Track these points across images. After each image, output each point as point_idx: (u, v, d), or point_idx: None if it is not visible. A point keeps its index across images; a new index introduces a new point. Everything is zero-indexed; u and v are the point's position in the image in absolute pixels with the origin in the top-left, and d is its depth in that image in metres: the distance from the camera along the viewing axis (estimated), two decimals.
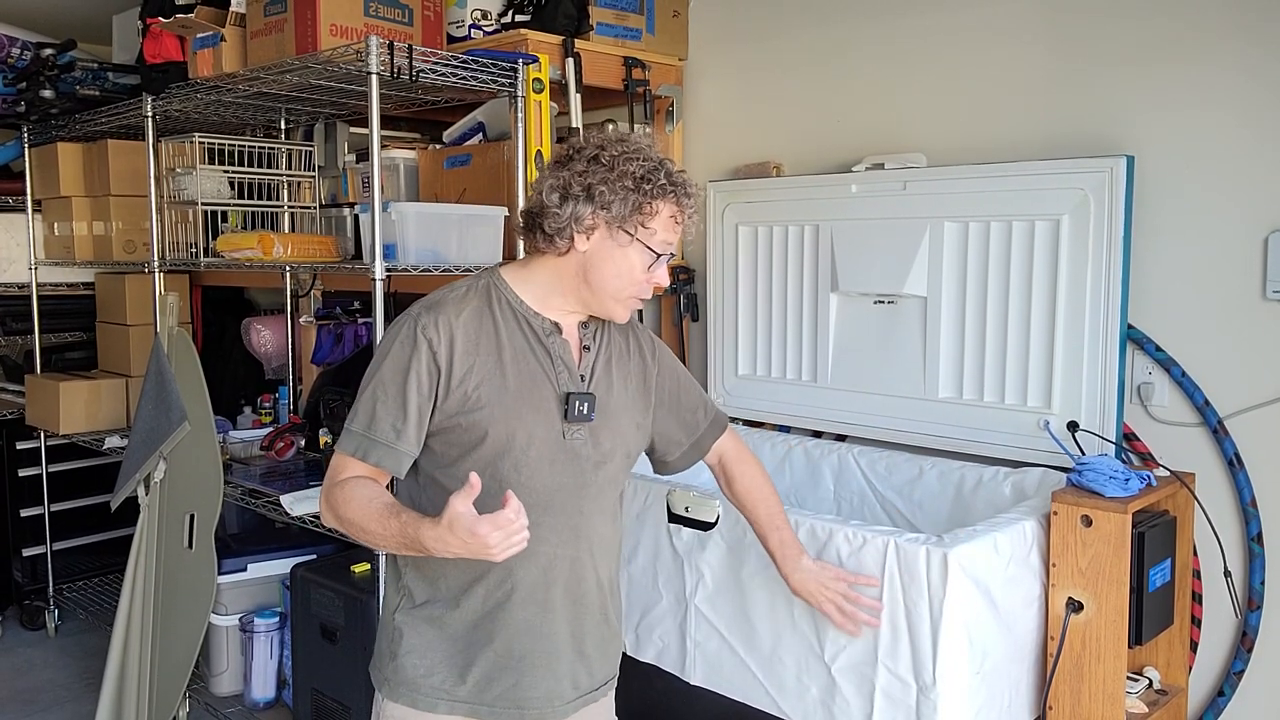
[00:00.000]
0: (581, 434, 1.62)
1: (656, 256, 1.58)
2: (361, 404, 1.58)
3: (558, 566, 1.62)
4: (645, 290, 1.62)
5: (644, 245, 1.57)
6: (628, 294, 1.61)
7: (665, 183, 1.56)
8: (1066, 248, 2.31)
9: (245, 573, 3.22)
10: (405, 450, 1.57)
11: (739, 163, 3.06)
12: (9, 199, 4.10)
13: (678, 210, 1.59)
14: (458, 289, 1.64)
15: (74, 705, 3.48)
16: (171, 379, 3.10)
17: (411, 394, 1.55)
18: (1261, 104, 2.18)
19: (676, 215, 1.59)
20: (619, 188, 1.54)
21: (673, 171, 1.58)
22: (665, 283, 1.65)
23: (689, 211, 1.61)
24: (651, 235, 1.57)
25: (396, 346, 1.58)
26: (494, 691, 1.63)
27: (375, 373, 1.58)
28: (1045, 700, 2.00)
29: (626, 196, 1.54)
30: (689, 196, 1.60)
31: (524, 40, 2.75)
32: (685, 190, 1.59)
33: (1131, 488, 1.97)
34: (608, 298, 1.61)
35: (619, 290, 1.60)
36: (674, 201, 1.58)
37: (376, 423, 1.56)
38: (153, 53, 3.02)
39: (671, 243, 1.60)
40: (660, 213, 1.57)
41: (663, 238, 1.58)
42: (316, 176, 3.49)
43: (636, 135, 1.62)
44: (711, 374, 3.06)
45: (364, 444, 1.56)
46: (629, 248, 1.57)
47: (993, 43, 2.57)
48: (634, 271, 1.58)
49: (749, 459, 1.93)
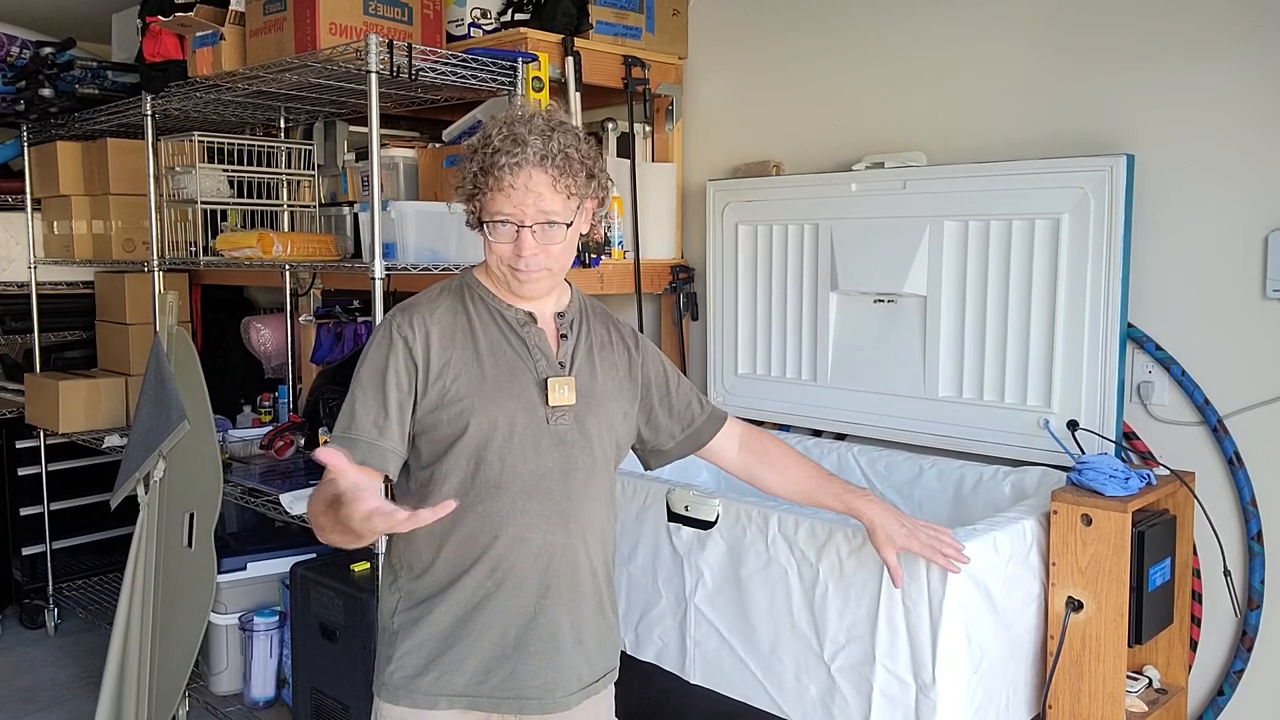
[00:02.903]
0: (566, 419, 1.63)
1: (500, 224, 1.56)
2: (344, 408, 1.61)
3: (549, 553, 1.62)
4: (516, 262, 1.58)
5: (488, 222, 1.58)
6: (504, 269, 1.60)
7: (489, 163, 1.54)
8: (1066, 247, 2.31)
9: (245, 571, 3.22)
10: (389, 446, 1.58)
11: (739, 161, 3.06)
12: (8, 198, 4.10)
13: (495, 176, 1.54)
14: (432, 290, 1.68)
15: (73, 704, 3.49)
16: (171, 378, 3.09)
17: (391, 391, 1.58)
18: (1261, 102, 2.18)
19: (497, 181, 1.55)
20: (466, 172, 1.58)
21: (496, 141, 1.54)
22: (527, 250, 1.57)
23: (505, 175, 1.54)
24: (483, 208, 1.58)
25: (374, 349, 1.61)
26: (492, 682, 1.63)
27: (356, 377, 1.62)
28: (1045, 699, 2.00)
29: (468, 177, 1.58)
30: (503, 162, 1.54)
31: (523, 39, 2.75)
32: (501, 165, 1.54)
33: (1131, 487, 1.97)
34: (497, 270, 1.62)
35: (498, 263, 1.61)
36: (494, 169, 1.54)
37: (357, 422, 1.58)
38: (152, 51, 3.02)
39: (506, 212, 1.55)
40: (489, 187, 1.56)
41: (494, 208, 1.56)
42: (316, 175, 3.48)
43: (502, 113, 1.60)
44: (711, 373, 3.06)
45: (346, 444, 1.56)
46: (485, 230, 1.59)
47: (993, 41, 2.57)
48: (492, 247, 1.59)
49: (769, 436, 1.92)
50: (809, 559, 1.99)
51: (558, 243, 1.59)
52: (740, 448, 1.90)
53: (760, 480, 1.90)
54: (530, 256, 1.57)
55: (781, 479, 1.88)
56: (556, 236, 1.58)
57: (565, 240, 1.60)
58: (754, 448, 1.90)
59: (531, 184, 1.54)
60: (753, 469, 1.89)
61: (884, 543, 1.78)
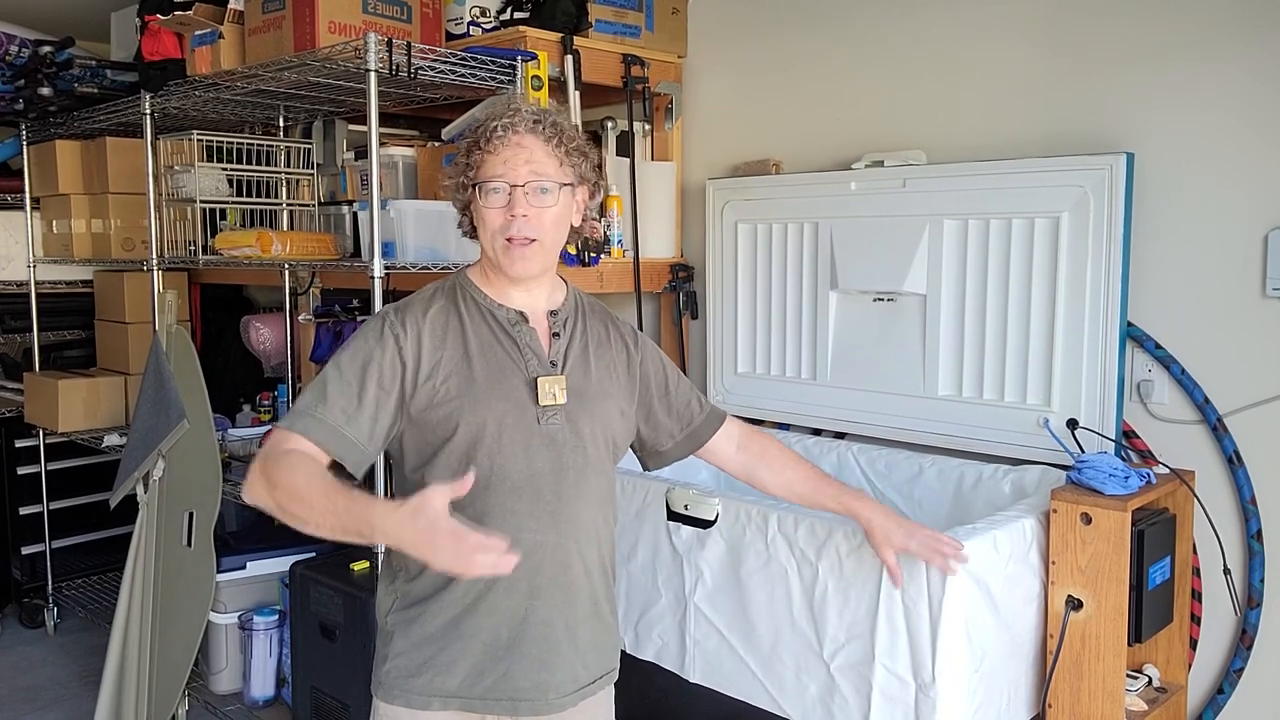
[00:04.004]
0: (558, 419, 1.62)
1: (493, 189, 1.58)
2: (313, 386, 1.58)
3: (539, 554, 1.61)
4: (509, 228, 1.59)
5: (472, 186, 1.61)
6: (499, 241, 1.60)
7: (482, 132, 1.60)
8: (1066, 245, 2.30)
9: (244, 571, 3.22)
10: (353, 438, 1.55)
11: (738, 160, 3.06)
12: (7, 197, 4.10)
13: (491, 144, 1.59)
14: (426, 291, 1.69)
15: (73, 703, 3.49)
16: (170, 377, 3.09)
17: (370, 385, 1.56)
18: (1261, 101, 2.18)
19: (490, 148, 1.59)
20: (458, 158, 1.62)
21: (490, 123, 1.60)
22: (518, 210, 1.58)
23: (498, 139, 1.58)
24: (474, 176, 1.61)
25: (361, 340, 1.61)
26: (484, 683, 1.63)
27: (335, 359, 1.59)
28: (1045, 698, 2.00)
29: (461, 159, 1.62)
30: (498, 128, 1.58)
31: (523, 37, 2.75)
32: (494, 129, 1.59)
33: (1131, 485, 1.97)
34: (490, 250, 1.63)
35: (492, 239, 1.61)
36: (486, 143, 1.59)
37: (328, 404, 1.55)
38: (151, 50, 3.02)
39: (498, 173, 1.58)
40: (483, 161, 1.60)
41: (486, 173, 1.59)
42: (315, 174, 3.48)
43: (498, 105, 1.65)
44: (711, 372, 3.06)
45: (309, 423, 1.54)
46: (478, 199, 1.60)
47: (993, 40, 2.57)
48: (491, 215, 1.60)
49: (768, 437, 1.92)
50: (809, 558, 1.99)
51: (549, 207, 1.60)
52: (739, 448, 1.90)
53: (758, 480, 1.90)
54: (522, 220, 1.58)
55: (779, 479, 1.88)
56: (549, 201, 1.60)
57: (557, 208, 1.61)
58: (752, 448, 1.90)
59: (524, 143, 1.59)
60: (751, 469, 1.90)
61: (882, 543, 1.79)
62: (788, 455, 1.90)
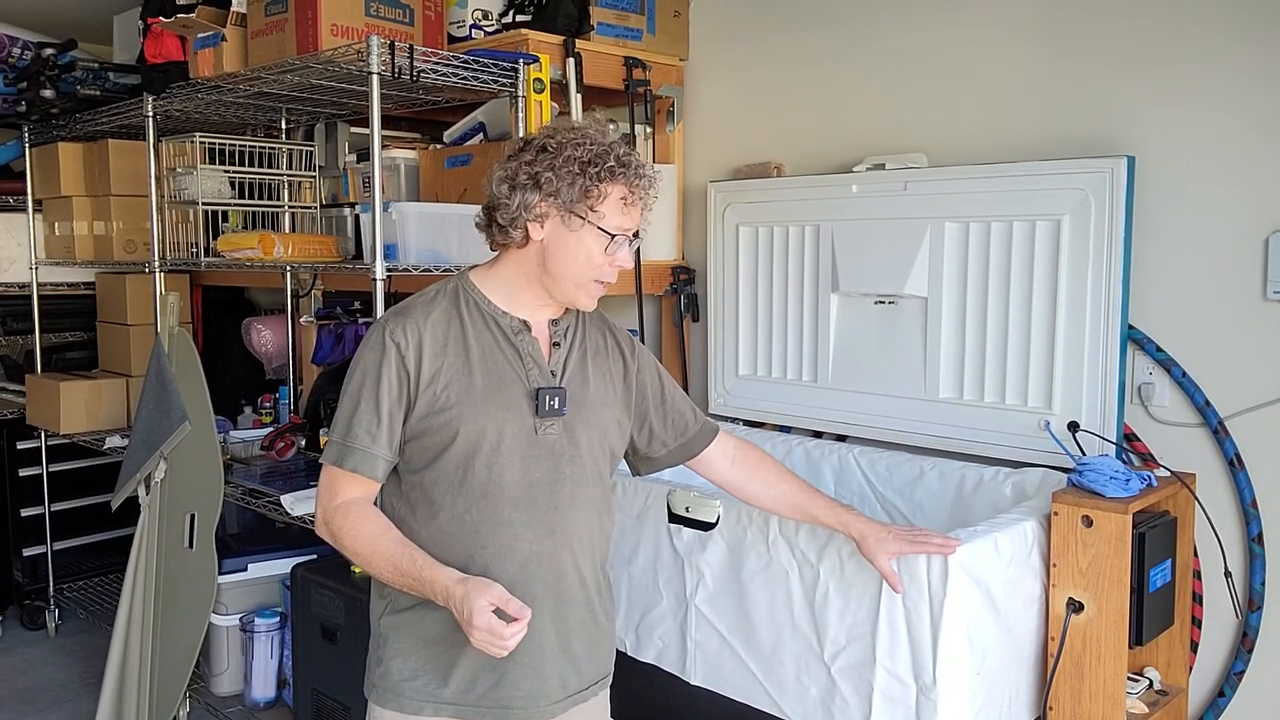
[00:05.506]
0: (555, 429, 1.63)
1: (611, 238, 1.59)
2: (340, 412, 1.62)
3: (535, 563, 1.62)
4: (607, 274, 1.63)
5: (596, 228, 1.58)
6: (587, 278, 1.62)
7: (614, 164, 1.57)
8: (1067, 248, 2.31)
9: (246, 572, 3.21)
10: (379, 454, 1.60)
11: (740, 163, 3.06)
12: (10, 199, 4.10)
13: (628, 192, 1.60)
14: (426, 294, 1.67)
15: (74, 705, 3.49)
16: (172, 379, 3.10)
17: (384, 398, 1.59)
18: (1262, 104, 2.18)
19: (627, 197, 1.60)
20: (565, 173, 1.56)
21: (621, 155, 1.59)
22: (628, 264, 1.66)
23: (641, 193, 1.61)
24: (602, 219, 1.58)
25: (367, 353, 1.62)
26: (477, 692, 1.63)
27: (349, 381, 1.63)
28: (1045, 701, 2.00)
29: (573, 181, 1.56)
30: (640, 178, 1.61)
31: (525, 40, 2.75)
32: (636, 172, 1.60)
33: (1132, 488, 1.97)
34: (569, 284, 1.62)
35: (578, 275, 1.61)
36: (623, 183, 1.59)
37: (353, 430, 1.60)
38: (153, 52, 3.02)
39: (627, 227, 1.61)
40: (610, 195, 1.58)
41: (615, 221, 1.59)
42: (317, 176, 3.49)
43: (588, 124, 1.63)
44: (712, 374, 3.06)
45: (343, 451, 1.60)
46: (582, 232, 1.59)
47: (994, 43, 2.57)
48: (591, 256, 1.60)
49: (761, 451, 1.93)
50: (809, 560, 1.99)
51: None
52: (732, 462, 1.90)
53: (751, 494, 1.91)
54: (619, 270, 1.64)
55: (772, 493, 1.89)
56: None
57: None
58: (746, 462, 1.90)
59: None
60: (744, 483, 1.90)
61: (875, 551, 1.80)
62: (780, 470, 1.92)
